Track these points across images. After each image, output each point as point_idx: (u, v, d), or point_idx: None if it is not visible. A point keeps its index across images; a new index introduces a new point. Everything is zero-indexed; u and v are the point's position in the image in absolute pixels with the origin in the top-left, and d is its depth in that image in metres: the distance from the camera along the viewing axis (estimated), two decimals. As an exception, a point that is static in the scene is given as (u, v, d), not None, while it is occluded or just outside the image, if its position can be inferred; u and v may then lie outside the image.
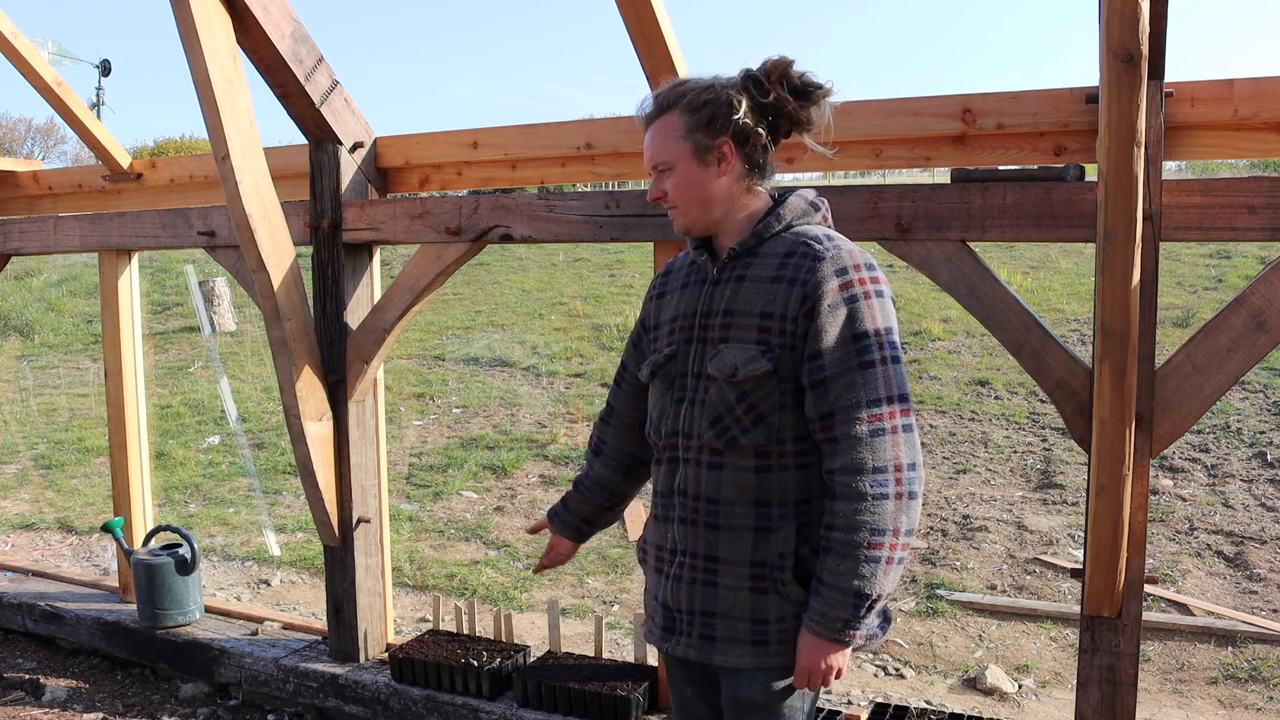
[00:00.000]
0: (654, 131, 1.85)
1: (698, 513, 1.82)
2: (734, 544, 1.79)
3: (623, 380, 2.13)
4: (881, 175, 14.32)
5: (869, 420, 1.67)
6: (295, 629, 3.93)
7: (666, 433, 1.88)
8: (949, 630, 4.45)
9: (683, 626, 1.86)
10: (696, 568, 1.83)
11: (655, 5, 2.58)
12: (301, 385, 3.27)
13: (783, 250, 1.79)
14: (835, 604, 1.68)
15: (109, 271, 4.12)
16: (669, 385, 1.89)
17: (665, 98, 1.84)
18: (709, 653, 1.83)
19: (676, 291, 1.95)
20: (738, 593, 1.79)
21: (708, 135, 1.80)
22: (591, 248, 13.45)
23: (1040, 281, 10.23)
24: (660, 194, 1.87)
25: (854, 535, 1.66)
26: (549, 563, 2.30)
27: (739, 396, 1.76)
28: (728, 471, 1.78)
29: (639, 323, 2.08)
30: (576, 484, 2.23)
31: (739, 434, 1.76)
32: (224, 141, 2.96)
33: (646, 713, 3.10)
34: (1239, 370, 2.24)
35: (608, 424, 2.17)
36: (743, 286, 1.80)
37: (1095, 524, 2.33)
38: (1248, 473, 6.08)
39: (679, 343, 1.87)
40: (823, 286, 1.71)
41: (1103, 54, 1.92)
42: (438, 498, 6.57)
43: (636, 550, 2.06)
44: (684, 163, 1.83)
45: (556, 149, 3.15)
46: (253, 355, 10.42)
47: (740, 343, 1.76)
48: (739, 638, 1.80)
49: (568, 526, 2.24)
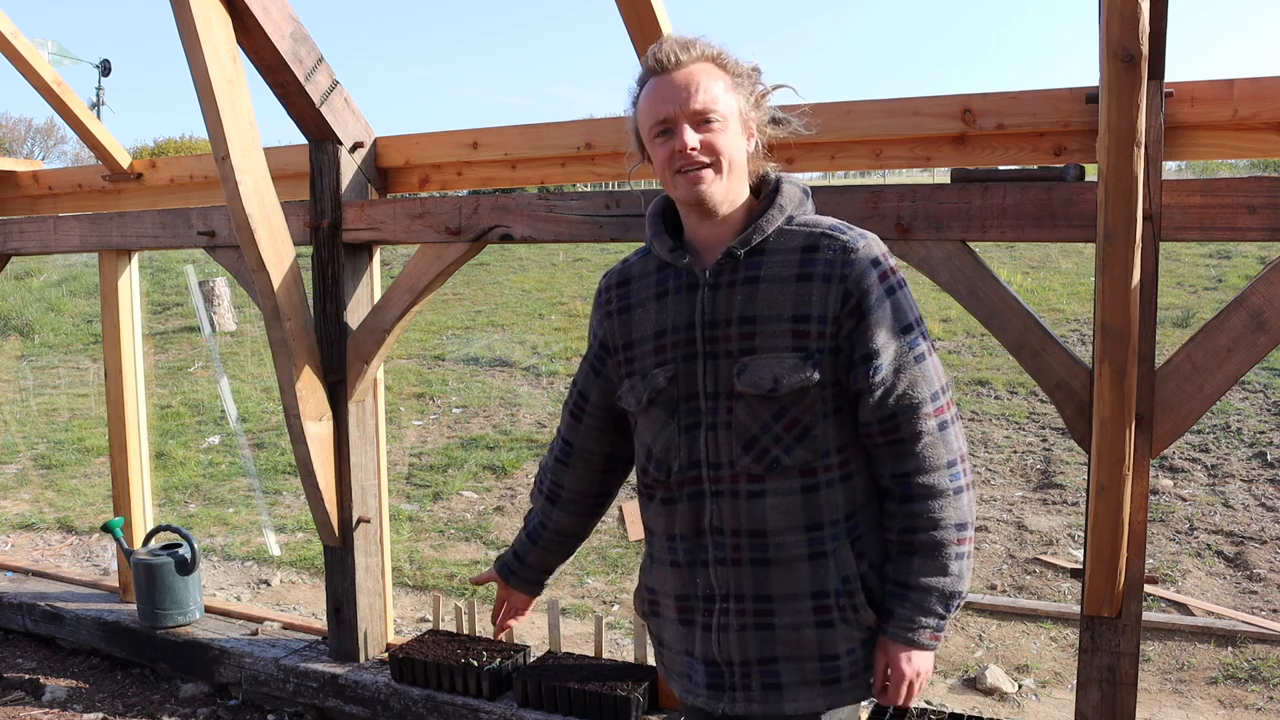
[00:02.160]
0: (699, 74, 1.58)
1: (739, 550, 1.62)
2: (788, 578, 1.61)
3: (582, 413, 1.87)
4: (881, 175, 14.33)
5: (935, 415, 1.60)
6: (295, 629, 3.93)
7: (682, 466, 1.65)
8: (949, 630, 4.45)
9: (736, 680, 1.66)
10: (745, 612, 1.63)
11: (655, 5, 2.58)
12: (301, 385, 3.27)
13: (798, 244, 1.61)
14: (927, 607, 1.61)
15: (109, 271, 4.12)
16: (671, 412, 1.66)
17: (709, 49, 1.60)
18: (776, 703, 1.64)
19: (651, 303, 1.70)
20: (801, 631, 1.62)
21: (747, 104, 1.62)
22: (591, 248, 13.45)
23: (1040, 281, 10.24)
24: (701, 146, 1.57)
25: (941, 534, 1.59)
26: (510, 619, 2.05)
27: (776, 413, 1.59)
28: (771, 498, 1.60)
29: (596, 345, 1.82)
30: (532, 536, 1.97)
31: (781, 454, 1.59)
32: (224, 141, 2.96)
33: (646, 713, 3.10)
34: (1239, 370, 2.24)
35: (565, 465, 1.90)
36: (759, 290, 1.60)
37: (1095, 524, 2.33)
38: (1248, 473, 6.08)
39: (677, 361, 1.65)
40: (865, 281, 1.57)
41: (1103, 54, 1.92)
42: (438, 498, 6.57)
43: (637, 603, 1.85)
44: (735, 121, 1.60)
45: (556, 149, 3.15)
46: (253, 355, 10.42)
47: (773, 352, 1.58)
48: (809, 680, 1.63)
49: (527, 583, 2.00)
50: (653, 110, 1.60)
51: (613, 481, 1.94)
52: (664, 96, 1.58)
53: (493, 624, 2.07)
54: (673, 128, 1.58)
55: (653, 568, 1.78)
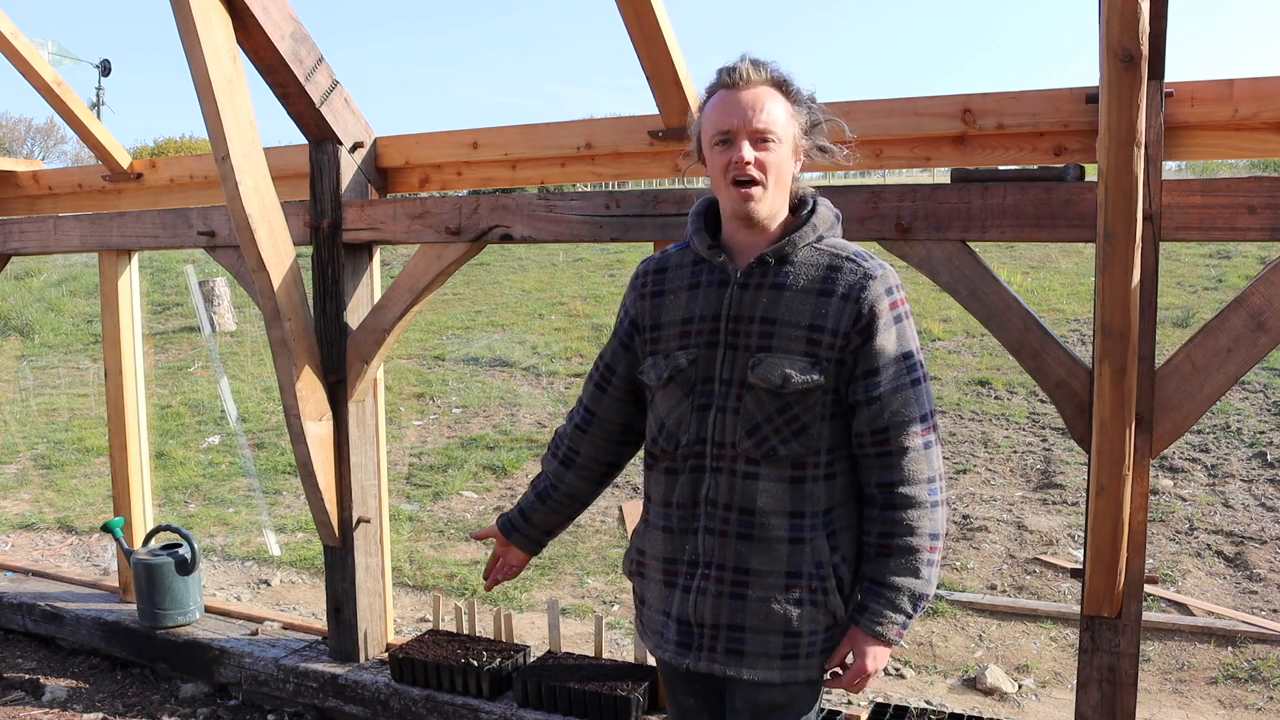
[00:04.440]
0: (765, 96, 1.74)
1: (729, 523, 1.79)
2: (767, 555, 1.77)
3: (608, 384, 2.00)
4: (881, 175, 14.31)
5: (921, 434, 1.76)
6: (295, 629, 3.93)
7: (688, 440, 1.81)
8: (949, 630, 4.45)
9: (704, 641, 1.82)
10: (724, 580, 1.79)
11: (655, 5, 2.58)
12: (301, 385, 3.27)
13: (822, 263, 1.78)
14: (898, 605, 1.75)
15: (109, 271, 4.12)
16: (688, 391, 1.82)
17: (777, 74, 1.78)
18: (736, 666, 1.80)
19: (683, 291, 1.86)
20: (770, 605, 1.77)
21: (801, 133, 1.79)
22: (591, 248, 13.46)
23: (1040, 281, 10.24)
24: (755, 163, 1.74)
25: (917, 540, 1.75)
26: (503, 576, 2.16)
27: (781, 407, 1.75)
28: (764, 482, 1.76)
29: (626, 322, 1.97)
30: (541, 496, 2.09)
31: (778, 444, 1.76)
32: (224, 141, 2.96)
33: (646, 713, 3.10)
34: (1239, 370, 2.24)
35: (584, 432, 2.03)
36: (782, 296, 1.76)
37: (1095, 524, 2.33)
38: (1248, 473, 6.08)
39: (700, 346, 1.81)
40: (878, 305, 1.75)
41: (1103, 54, 1.92)
42: (438, 498, 6.57)
43: (625, 563, 2.00)
44: (789, 145, 1.78)
45: (556, 149, 3.15)
46: (253, 355, 10.42)
47: (786, 353, 1.74)
48: (770, 652, 1.79)
49: (528, 540, 2.11)
50: (717, 120, 1.75)
51: (625, 453, 2.07)
52: (729, 110, 1.74)
53: (484, 579, 2.19)
54: (733, 140, 1.74)
55: (646, 531, 1.93)
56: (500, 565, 2.15)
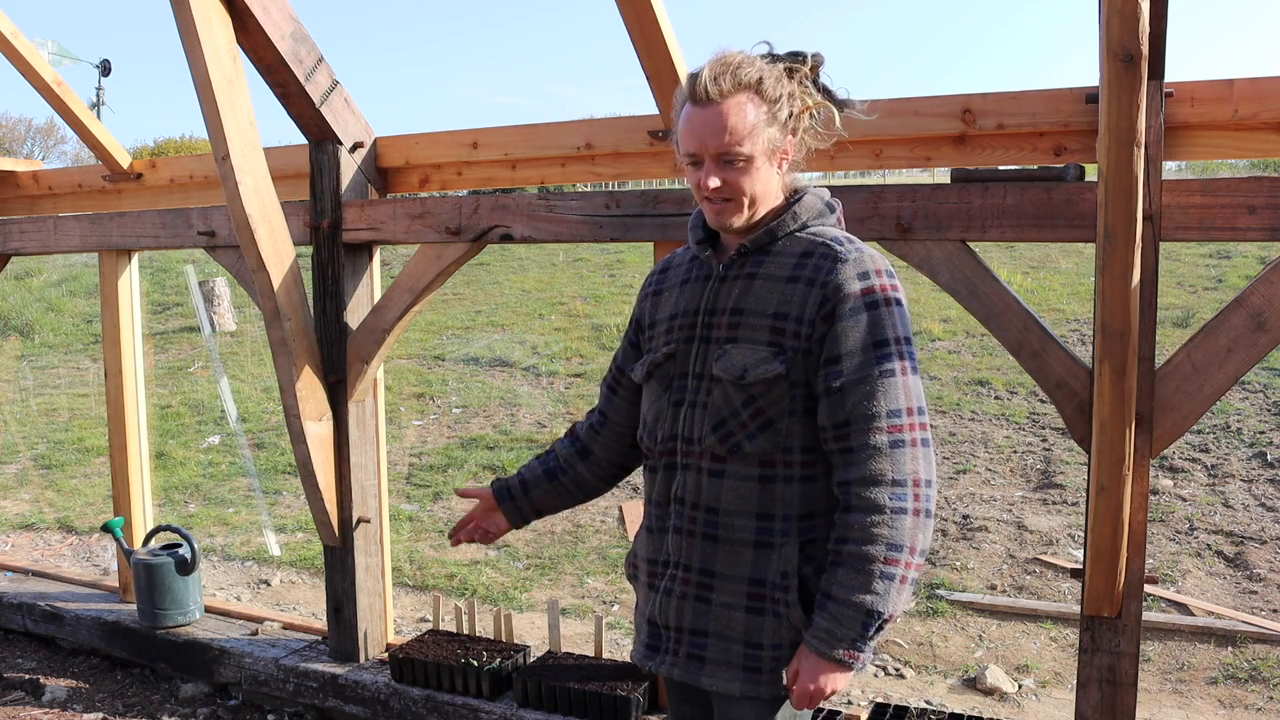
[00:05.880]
0: (729, 113, 1.61)
1: (695, 523, 1.71)
2: (732, 558, 1.68)
3: (619, 385, 1.97)
4: (881, 175, 14.31)
5: (889, 431, 1.58)
6: (295, 629, 3.93)
7: (663, 437, 1.76)
8: (949, 630, 4.45)
9: (669, 645, 1.75)
10: (690, 581, 1.72)
11: (655, 5, 2.58)
12: (301, 385, 3.27)
13: (798, 250, 1.69)
14: (844, 621, 1.57)
15: (109, 271, 4.12)
16: (666, 386, 1.77)
17: (742, 74, 1.62)
18: (695, 674, 1.71)
19: (676, 288, 1.83)
20: (732, 611, 1.68)
21: (781, 132, 1.66)
22: (591, 248, 13.45)
23: (1040, 281, 10.24)
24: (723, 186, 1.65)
25: (870, 549, 1.56)
26: (472, 537, 2.06)
27: (745, 400, 1.65)
28: (729, 480, 1.67)
29: (634, 321, 1.95)
30: (550, 474, 2.02)
31: (744, 440, 1.66)
32: (224, 141, 2.96)
33: (646, 713, 3.10)
34: (1239, 370, 2.24)
35: (598, 433, 2.00)
36: (754, 285, 1.69)
37: (1095, 524, 2.33)
38: (1248, 473, 6.08)
39: (678, 341, 1.76)
40: (844, 289, 1.62)
41: (1103, 54, 1.92)
42: (438, 498, 6.57)
43: (625, 567, 1.95)
44: (761, 153, 1.65)
45: (556, 149, 3.15)
46: (253, 355, 10.42)
47: (750, 343, 1.66)
48: (731, 661, 1.69)
49: (518, 512, 2.04)
50: (684, 140, 1.68)
51: (635, 456, 2.00)
52: (692, 132, 1.65)
53: (450, 537, 2.10)
54: (700, 162, 1.67)
55: (641, 533, 1.89)
56: (474, 528, 2.07)
